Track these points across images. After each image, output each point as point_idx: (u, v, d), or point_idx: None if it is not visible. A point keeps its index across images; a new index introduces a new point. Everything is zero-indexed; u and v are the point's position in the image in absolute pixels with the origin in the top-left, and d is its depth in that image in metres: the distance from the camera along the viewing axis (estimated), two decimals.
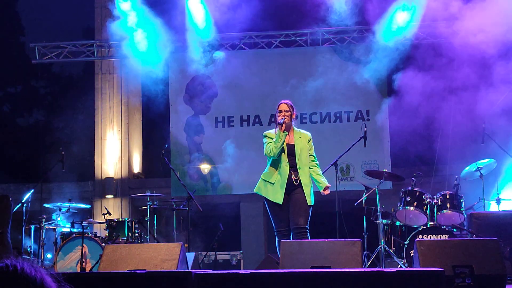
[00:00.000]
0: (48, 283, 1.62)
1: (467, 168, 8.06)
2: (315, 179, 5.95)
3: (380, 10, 9.67)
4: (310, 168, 5.94)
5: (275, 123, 5.97)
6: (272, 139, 5.86)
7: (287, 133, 5.83)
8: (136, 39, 10.32)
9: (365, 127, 7.22)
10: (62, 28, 11.39)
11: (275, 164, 5.87)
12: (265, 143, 5.92)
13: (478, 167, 7.81)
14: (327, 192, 5.89)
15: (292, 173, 5.82)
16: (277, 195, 5.79)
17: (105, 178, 11.48)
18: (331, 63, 10.68)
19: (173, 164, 10.40)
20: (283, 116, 5.83)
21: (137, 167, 11.92)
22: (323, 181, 5.92)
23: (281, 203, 5.78)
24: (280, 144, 5.76)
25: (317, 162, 6.02)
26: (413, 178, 7.55)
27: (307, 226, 5.79)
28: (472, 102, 9.09)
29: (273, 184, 5.82)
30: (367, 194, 7.37)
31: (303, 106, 10.50)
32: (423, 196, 7.34)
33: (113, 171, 11.57)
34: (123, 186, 11.51)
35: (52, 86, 10.11)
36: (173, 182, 10.85)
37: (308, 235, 5.77)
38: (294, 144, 5.89)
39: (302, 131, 6.07)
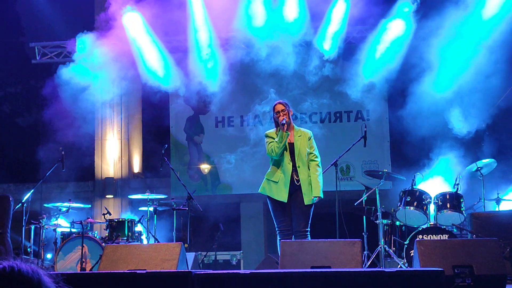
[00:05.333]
0: (46, 284, 1.61)
1: (467, 168, 8.07)
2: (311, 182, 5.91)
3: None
4: (309, 169, 5.94)
5: (275, 124, 6.01)
6: (274, 138, 5.89)
7: (289, 133, 5.88)
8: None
9: (365, 127, 7.22)
10: (62, 28, 11.36)
11: (278, 163, 5.92)
12: (266, 142, 5.97)
13: (478, 167, 7.81)
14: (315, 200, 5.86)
15: (294, 173, 5.87)
16: (281, 194, 5.84)
17: (105, 178, 11.48)
18: (331, 63, 10.67)
19: (173, 164, 10.40)
20: (283, 116, 5.86)
21: (137, 167, 11.92)
22: (315, 190, 5.84)
23: (285, 201, 5.84)
24: (283, 144, 5.81)
25: (319, 161, 5.98)
26: (413, 178, 7.54)
27: (308, 228, 5.87)
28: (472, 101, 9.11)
29: (277, 182, 5.87)
30: (367, 194, 7.36)
31: (303, 106, 10.50)
32: (423, 196, 7.34)
33: (113, 171, 11.57)
34: (123, 186, 11.51)
35: (52, 86, 10.10)
36: (173, 182, 10.85)
37: (309, 236, 5.84)
38: (293, 143, 5.93)
39: (302, 129, 6.11)
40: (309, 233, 5.88)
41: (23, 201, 7.48)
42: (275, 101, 6.18)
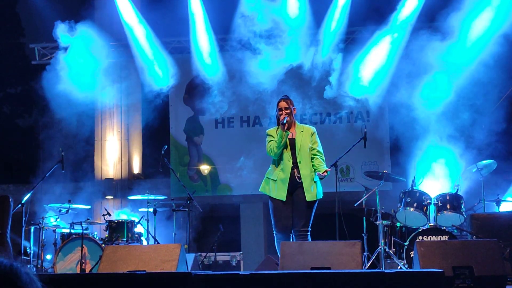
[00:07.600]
0: (24, 279, 1.58)
1: (467, 169, 8.07)
2: (315, 168, 5.79)
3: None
4: (312, 161, 5.81)
5: (277, 121, 5.94)
6: (274, 137, 5.82)
7: (289, 132, 5.78)
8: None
9: (365, 128, 7.21)
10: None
11: (278, 160, 5.82)
12: (267, 141, 5.89)
13: (478, 168, 7.81)
14: (323, 174, 5.70)
15: (295, 170, 5.76)
16: (280, 192, 5.74)
17: (105, 179, 11.47)
18: (331, 64, 10.65)
19: (173, 165, 10.39)
20: (285, 115, 5.77)
21: (136, 168, 11.91)
22: (322, 167, 5.74)
23: (284, 199, 5.72)
24: (282, 144, 5.71)
25: (323, 158, 5.87)
26: (413, 179, 7.54)
27: (308, 228, 5.75)
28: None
29: (275, 181, 5.78)
30: (367, 195, 7.36)
31: (303, 106, 10.49)
32: (423, 197, 7.34)
33: (113, 172, 11.56)
34: (122, 187, 11.50)
35: (51, 87, 10.11)
36: (173, 183, 10.84)
37: (309, 237, 5.74)
38: (295, 138, 5.84)
39: (305, 125, 6.03)
40: (309, 234, 5.75)
41: (23, 202, 7.47)
42: (277, 99, 6.04)
